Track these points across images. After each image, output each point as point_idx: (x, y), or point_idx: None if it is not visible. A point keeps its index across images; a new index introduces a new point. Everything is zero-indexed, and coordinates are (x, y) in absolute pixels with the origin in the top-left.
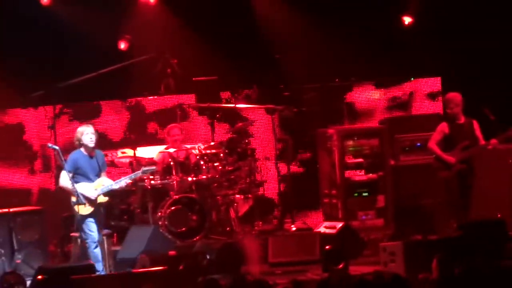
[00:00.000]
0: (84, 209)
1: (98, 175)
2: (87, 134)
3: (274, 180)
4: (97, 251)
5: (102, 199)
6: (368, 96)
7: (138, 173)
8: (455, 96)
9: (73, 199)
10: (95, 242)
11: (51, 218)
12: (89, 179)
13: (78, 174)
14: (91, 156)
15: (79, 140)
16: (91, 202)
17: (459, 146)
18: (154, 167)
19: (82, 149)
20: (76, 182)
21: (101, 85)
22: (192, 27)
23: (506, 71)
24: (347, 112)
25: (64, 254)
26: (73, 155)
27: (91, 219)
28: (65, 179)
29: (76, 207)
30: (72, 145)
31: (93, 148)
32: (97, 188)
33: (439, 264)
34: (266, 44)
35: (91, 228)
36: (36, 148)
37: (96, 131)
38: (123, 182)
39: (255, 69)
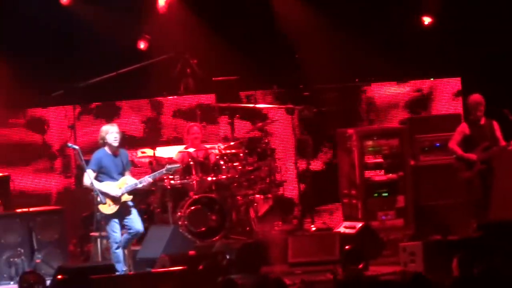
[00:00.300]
0: (108, 209)
1: (122, 174)
2: (111, 133)
3: (294, 180)
4: (119, 251)
5: (126, 197)
6: (387, 94)
7: (162, 171)
8: (482, 100)
9: (97, 198)
10: (117, 243)
11: (71, 217)
12: (113, 178)
13: (101, 173)
14: (115, 155)
15: (103, 139)
16: (115, 201)
17: (480, 147)
18: (178, 165)
19: (106, 148)
20: (100, 181)
21: (120, 85)
22: (212, 27)
23: None
24: (366, 112)
25: (84, 254)
26: (96, 154)
27: (115, 219)
28: (88, 178)
29: (100, 206)
30: (93, 144)
31: (117, 147)
32: (121, 186)
33: (459, 264)
34: (286, 44)
35: (114, 229)
36: (56, 148)
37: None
38: (147, 180)
39: (275, 69)
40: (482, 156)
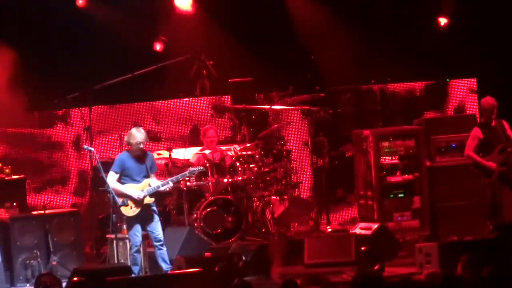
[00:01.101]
0: (130, 211)
1: (146, 177)
2: (137, 140)
3: (310, 180)
4: (137, 255)
5: (148, 200)
6: (403, 94)
7: (186, 174)
8: (494, 103)
9: (119, 200)
10: (136, 246)
11: (87, 220)
12: (135, 181)
13: (125, 176)
14: (139, 158)
15: (129, 143)
16: (137, 203)
17: (495, 150)
18: (201, 167)
19: (130, 151)
20: (123, 183)
21: (136, 86)
22: (227, 28)
23: None
24: (382, 113)
25: (100, 256)
26: (120, 156)
27: (136, 222)
28: (112, 180)
29: (122, 209)
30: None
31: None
32: (143, 189)
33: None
34: (301, 46)
35: (136, 232)
36: (71, 149)
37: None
38: (170, 183)
39: (290, 71)
40: (500, 159)
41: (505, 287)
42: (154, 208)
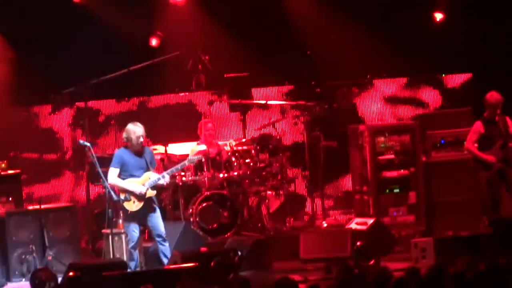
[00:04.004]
0: (133, 206)
1: (145, 171)
2: (136, 135)
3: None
4: (134, 250)
5: (150, 193)
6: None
7: (185, 163)
8: (500, 98)
9: (122, 196)
10: (133, 241)
11: (83, 215)
12: (135, 176)
13: (124, 171)
14: (138, 154)
15: (128, 138)
16: (140, 197)
17: (496, 145)
18: (200, 156)
19: (128, 147)
20: (122, 179)
21: (132, 81)
22: (223, 23)
23: None
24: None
25: (96, 251)
26: (119, 152)
27: (136, 218)
28: (112, 176)
29: (125, 204)
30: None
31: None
32: (144, 182)
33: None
34: (297, 41)
35: (133, 228)
36: (67, 145)
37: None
38: (170, 173)
39: (286, 66)
40: (500, 155)
41: (501, 282)
42: (155, 201)
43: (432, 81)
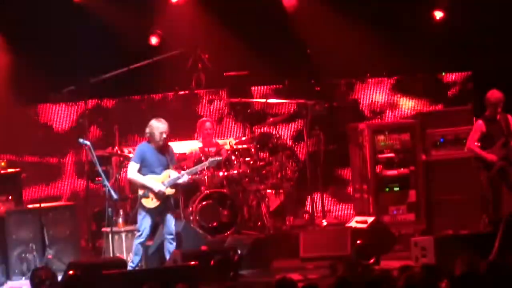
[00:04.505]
0: (151, 203)
1: (165, 169)
2: (160, 131)
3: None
4: (141, 246)
5: (169, 191)
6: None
7: (205, 164)
8: (501, 97)
9: (140, 191)
10: (143, 238)
11: (83, 213)
12: (155, 173)
13: (144, 167)
14: (159, 150)
15: (150, 134)
16: (158, 195)
17: (498, 143)
18: (220, 158)
19: (150, 142)
20: (143, 175)
21: (132, 80)
22: (223, 22)
23: None
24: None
25: (95, 250)
26: (141, 147)
27: (152, 215)
28: (132, 171)
29: (142, 200)
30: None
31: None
32: (163, 180)
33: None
34: (297, 39)
35: (147, 224)
36: (67, 143)
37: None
38: (190, 173)
39: (286, 64)
40: (502, 153)
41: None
42: (172, 200)
43: (432, 79)
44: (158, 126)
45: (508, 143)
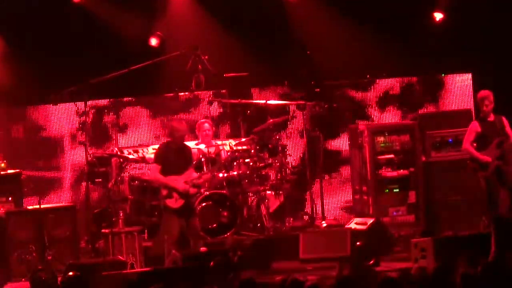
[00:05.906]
0: (175, 203)
1: (186, 169)
2: (181, 135)
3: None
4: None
5: (192, 190)
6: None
7: (222, 164)
8: (488, 94)
9: (164, 192)
10: (172, 241)
11: (82, 214)
12: (177, 173)
13: (164, 167)
14: (179, 151)
15: (171, 134)
16: (182, 195)
17: (493, 143)
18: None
19: (171, 143)
20: (164, 176)
21: (132, 81)
22: (223, 23)
23: None
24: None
25: (95, 251)
26: (161, 148)
27: (176, 216)
28: (155, 172)
29: (167, 201)
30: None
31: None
32: (186, 180)
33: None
34: (297, 40)
35: (173, 225)
36: (66, 144)
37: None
38: (208, 173)
39: (286, 65)
40: (497, 153)
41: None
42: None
43: (432, 80)
44: (178, 128)
45: (503, 143)
